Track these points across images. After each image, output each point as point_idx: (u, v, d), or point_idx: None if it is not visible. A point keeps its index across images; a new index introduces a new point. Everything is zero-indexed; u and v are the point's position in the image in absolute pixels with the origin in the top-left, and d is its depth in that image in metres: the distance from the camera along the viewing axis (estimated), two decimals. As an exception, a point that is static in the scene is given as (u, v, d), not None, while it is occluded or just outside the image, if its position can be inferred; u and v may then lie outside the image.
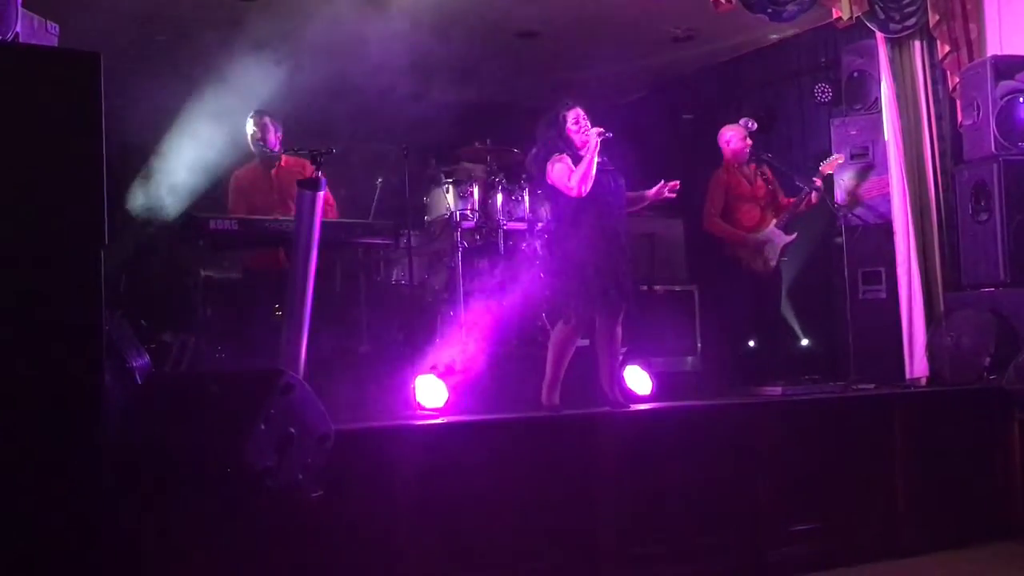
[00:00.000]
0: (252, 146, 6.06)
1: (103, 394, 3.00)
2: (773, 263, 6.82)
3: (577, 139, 5.26)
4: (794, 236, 6.87)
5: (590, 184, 5.12)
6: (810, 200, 6.88)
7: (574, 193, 5.16)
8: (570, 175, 5.14)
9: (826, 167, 6.91)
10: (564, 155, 5.23)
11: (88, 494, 2.89)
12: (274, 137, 6.05)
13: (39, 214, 2.90)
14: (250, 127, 6.05)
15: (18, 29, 3.68)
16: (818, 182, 6.84)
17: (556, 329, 5.28)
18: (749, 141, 6.94)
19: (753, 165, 7.00)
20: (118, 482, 3.09)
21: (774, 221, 6.84)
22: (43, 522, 2.81)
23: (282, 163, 6.09)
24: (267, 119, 6.06)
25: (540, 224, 6.40)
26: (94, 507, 2.90)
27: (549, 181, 5.28)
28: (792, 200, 6.91)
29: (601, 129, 5.20)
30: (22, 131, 2.90)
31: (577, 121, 5.29)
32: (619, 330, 5.31)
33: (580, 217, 5.21)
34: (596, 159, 5.14)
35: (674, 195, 5.53)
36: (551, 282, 5.75)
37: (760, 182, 6.97)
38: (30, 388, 2.83)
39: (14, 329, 2.84)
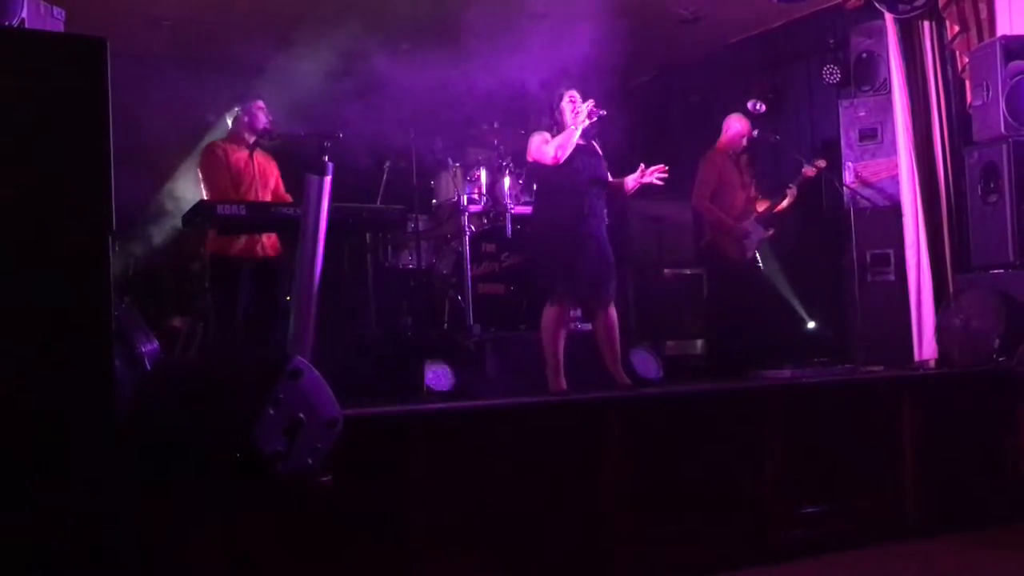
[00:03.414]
0: (244, 127, 5.92)
1: (112, 380, 3.01)
2: (749, 254, 6.88)
3: (568, 120, 5.29)
4: (771, 232, 6.92)
5: (565, 154, 5.16)
6: (781, 204, 6.96)
7: (550, 159, 5.22)
8: (548, 142, 5.20)
9: (808, 171, 6.91)
10: (543, 132, 5.32)
11: (98, 480, 2.90)
12: (267, 120, 5.98)
13: (46, 201, 2.90)
14: (256, 111, 5.99)
15: (24, 15, 3.68)
16: (792, 191, 6.92)
17: (544, 312, 5.29)
18: (753, 134, 6.99)
19: (746, 156, 7.04)
20: (127, 468, 3.10)
21: (755, 214, 6.89)
22: (53, 508, 2.83)
23: (257, 150, 6.00)
24: (262, 103, 6.01)
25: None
26: (103, 493, 2.91)
27: (530, 159, 5.35)
28: (766, 203, 7.00)
29: (595, 107, 5.22)
30: (28, 117, 2.90)
31: (572, 100, 5.32)
32: (613, 312, 5.32)
33: (557, 195, 5.26)
34: (578, 132, 5.18)
35: (661, 182, 5.44)
36: (534, 264, 5.71)
37: (748, 175, 7.06)
38: (39, 375, 2.84)
39: (23, 316, 2.85)
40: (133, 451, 3.16)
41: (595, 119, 5.25)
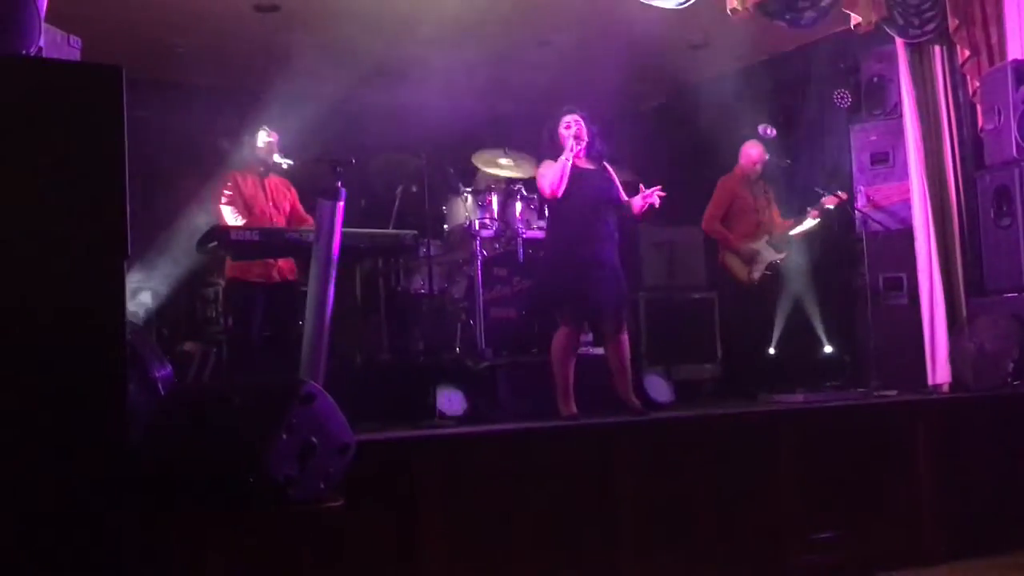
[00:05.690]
0: (259, 157, 6.09)
1: (126, 405, 3.02)
2: (756, 276, 6.94)
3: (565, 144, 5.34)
4: (783, 255, 6.99)
5: (561, 187, 5.24)
6: (800, 228, 7.08)
7: (546, 194, 5.33)
8: (545, 174, 5.26)
9: (828, 200, 7.01)
10: (547, 160, 5.36)
11: (111, 505, 2.91)
12: (278, 149, 6.11)
13: (62, 226, 2.92)
14: (263, 139, 6.11)
15: (41, 43, 3.71)
16: (814, 213, 7.03)
17: (553, 337, 5.31)
18: (765, 160, 7.12)
19: (762, 181, 7.14)
20: (141, 493, 3.10)
21: (767, 237, 6.95)
22: (66, 533, 2.83)
23: (271, 176, 6.17)
24: (274, 133, 6.14)
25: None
26: (117, 518, 2.92)
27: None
28: (788, 222, 7.13)
29: (577, 132, 5.26)
30: (45, 144, 2.93)
31: (568, 126, 5.35)
32: (624, 338, 5.33)
33: (565, 221, 5.32)
34: (569, 162, 5.21)
35: (658, 201, 5.41)
36: (542, 287, 5.72)
37: (764, 199, 7.16)
38: (53, 399, 2.86)
39: (37, 339, 2.86)
40: (146, 476, 3.17)
41: (582, 145, 5.29)
